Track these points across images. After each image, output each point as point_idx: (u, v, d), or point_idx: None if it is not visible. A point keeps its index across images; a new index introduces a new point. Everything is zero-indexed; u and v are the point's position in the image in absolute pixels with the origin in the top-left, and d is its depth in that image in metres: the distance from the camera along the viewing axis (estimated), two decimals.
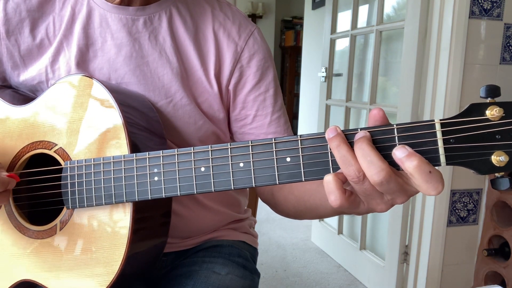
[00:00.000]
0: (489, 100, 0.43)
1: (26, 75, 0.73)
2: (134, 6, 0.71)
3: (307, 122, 3.20)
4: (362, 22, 2.24)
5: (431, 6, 1.67)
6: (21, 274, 0.66)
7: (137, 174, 0.55)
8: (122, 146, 0.60)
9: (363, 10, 2.23)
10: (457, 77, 1.61)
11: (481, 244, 1.75)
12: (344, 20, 2.37)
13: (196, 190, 0.52)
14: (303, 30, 3.16)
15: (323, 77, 2.46)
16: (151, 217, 0.65)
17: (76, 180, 0.60)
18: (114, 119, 0.61)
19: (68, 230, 0.62)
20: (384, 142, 0.45)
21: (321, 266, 2.35)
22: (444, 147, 0.43)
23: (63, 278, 0.63)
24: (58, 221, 0.63)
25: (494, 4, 1.61)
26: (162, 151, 0.54)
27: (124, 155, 0.57)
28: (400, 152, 0.42)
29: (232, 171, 0.50)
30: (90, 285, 0.61)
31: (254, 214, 1.12)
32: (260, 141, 0.49)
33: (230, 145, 0.50)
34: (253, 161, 0.49)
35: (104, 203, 0.58)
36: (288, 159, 0.48)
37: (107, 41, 0.71)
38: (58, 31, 0.72)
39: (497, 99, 0.43)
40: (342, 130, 0.45)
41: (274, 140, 0.48)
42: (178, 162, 0.53)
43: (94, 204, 0.59)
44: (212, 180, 0.51)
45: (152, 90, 0.72)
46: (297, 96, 5.31)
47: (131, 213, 0.59)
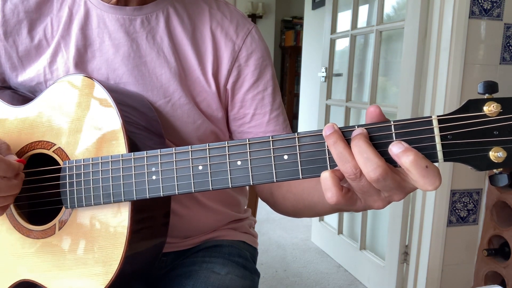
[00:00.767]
0: (486, 96, 0.43)
1: (25, 76, 0.73)
2: (131, 6, 0.71)
3: (307, 122, 3.19)
4: (362, 22, 2.24)
5: (431, 6, 1.66)
6: (20, 274, 0.65)
7: (135, 173, 0.55)
8: (120, 146, 0.60)
9: (363, 10, 2.23)
10: (457, 77, 1.61)
11: (481, 244, 1.75)
12: (344, 20, 2.37)
13: (194, 188, 0.52)
14: (303, 30, 3.16)
15: (323, 77, 2.46)
16: (151, 217, 0.65)
17: (74, 179, 0.60)
18: (112, 119, 0.61)
19: (67, 230, 0.62)
20: (381, 139, 0.44)
21: (321, 266, 2.35)
22: (441, 143, 0.43)
23: (62, 278, 0.63)
24: (57, 220, 0.63)
25: (494, 4, 1.61)
26: (160, 150, 0.54)
27: (122, 154, 0.57)
28: (396, 147, 0.42)
29: (229, 169, 0.50)
30: (89, 284, 0.61)
31: (254, 214, 1.12)
32: (257, 139, 0.49)
33: (228, 143, 0.50)
34: (250, 159, 0.49)
35: (102, 203, 0.58)
36: (285, 157, 0.48)
37: (105, 41, 0.71)
38: (56, 32, 0.72)
39: (494, 95, 0.43)
40: (340, 127, 0.45)
41: (272, 138, 0.48)
42: (176, 161, 0.53)
43: (93, 203, 0.59)
44: (210, 178, 0.51)
45: (150, 90, 0.72)
46: (297, 96, 5.30)
47: (130, 212, 0.59)
